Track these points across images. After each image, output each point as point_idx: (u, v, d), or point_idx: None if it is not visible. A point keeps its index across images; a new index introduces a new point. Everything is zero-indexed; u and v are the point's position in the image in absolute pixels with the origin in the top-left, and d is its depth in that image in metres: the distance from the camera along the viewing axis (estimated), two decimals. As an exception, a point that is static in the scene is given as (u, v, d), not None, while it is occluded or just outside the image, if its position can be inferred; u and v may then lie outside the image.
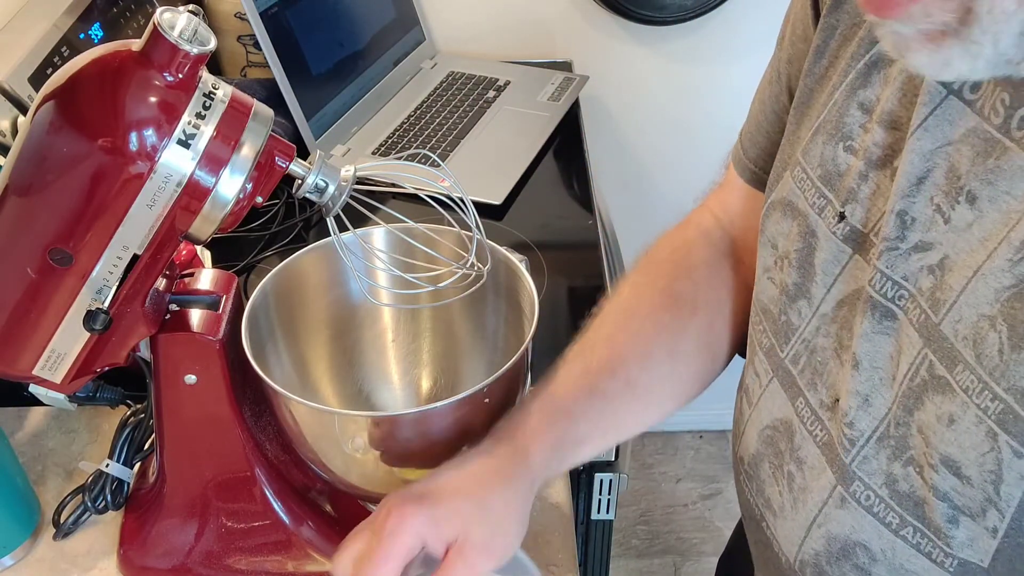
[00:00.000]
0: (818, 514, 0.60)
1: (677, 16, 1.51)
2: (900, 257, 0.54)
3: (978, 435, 0.48)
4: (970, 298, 0.49)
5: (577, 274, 1.09)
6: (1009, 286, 0.47)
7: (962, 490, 0.50)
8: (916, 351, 0.52)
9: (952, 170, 0.51)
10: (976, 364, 0.48)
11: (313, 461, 0.70)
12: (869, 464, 0.56)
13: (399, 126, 1.32)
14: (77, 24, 1.13)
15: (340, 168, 0.62)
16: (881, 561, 0.56)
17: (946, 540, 0.52)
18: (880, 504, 0.55)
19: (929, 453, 0.51)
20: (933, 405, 0.51)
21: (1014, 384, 0.46)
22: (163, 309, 0.68)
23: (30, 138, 0.56)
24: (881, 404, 0.55)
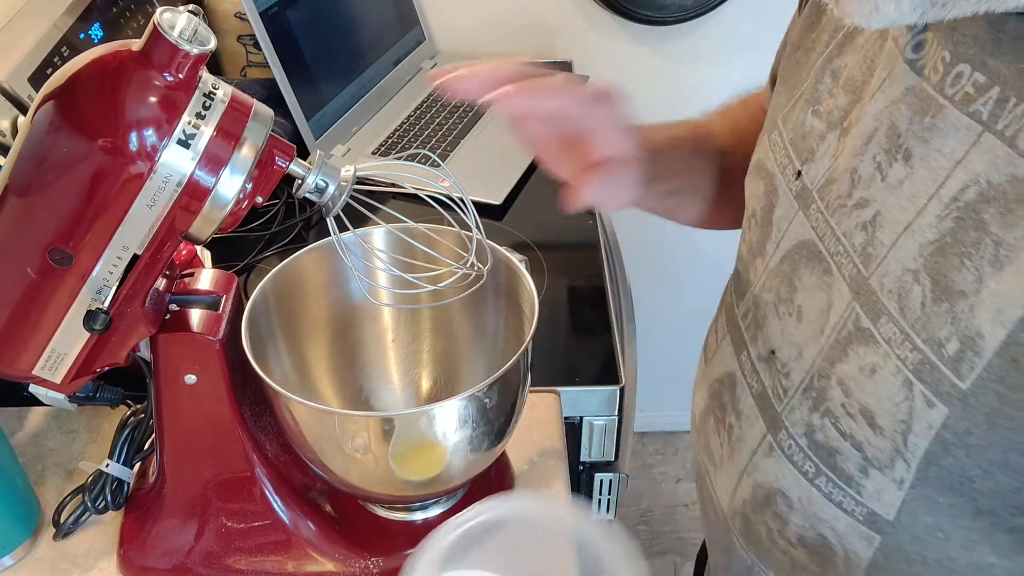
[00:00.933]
0: (748, 463, 0.63)
1: (677, 16, 1.51)
2: (845, 214, 0.55)
3: (895, 385, 0.50)
4: (898, 253, 0.50)
5: (577, 274, 1.09)
6: (933, 240, 0.48)
7: (874, 440, 0.52)
8: (845, 304, 0.54)
9: (893, 128, 0.52)
10: (899, 316, 0.50)
11: (313, 461, 0.70)
12: (794, 414, 0.58)
13: (399, 126, 1.32)
14: (77, 24, 1.13)
15: (340, 168, 0.62)
16: (797, 509, 0.59)
17: (856, 489, 0.54)
18: (799, 453, 0.58)
19: (849, 403, 0.53)
20: (856, 356, 0.53)
21: (932, 335, 0.48)
22: (163, 309, 0.68)
23: (30, 138, 0.56)
24: (809, 356, 0.57)
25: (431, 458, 0.68)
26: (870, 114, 0.54)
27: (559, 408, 0.89)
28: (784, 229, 0.61)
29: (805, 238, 0.59)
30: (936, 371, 0.48)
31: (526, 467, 0.83)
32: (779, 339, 0.60)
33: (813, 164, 0.59)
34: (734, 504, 0.65)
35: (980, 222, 0.46)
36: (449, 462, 0.68)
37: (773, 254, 0.62)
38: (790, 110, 0.64)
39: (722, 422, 0.67)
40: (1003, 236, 0.45)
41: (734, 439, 0.65)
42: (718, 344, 0.70)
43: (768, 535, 0.62)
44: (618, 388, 0.92)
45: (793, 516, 0.59)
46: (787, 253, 0.61)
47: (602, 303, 1.03)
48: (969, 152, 0.47)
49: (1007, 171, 0.45)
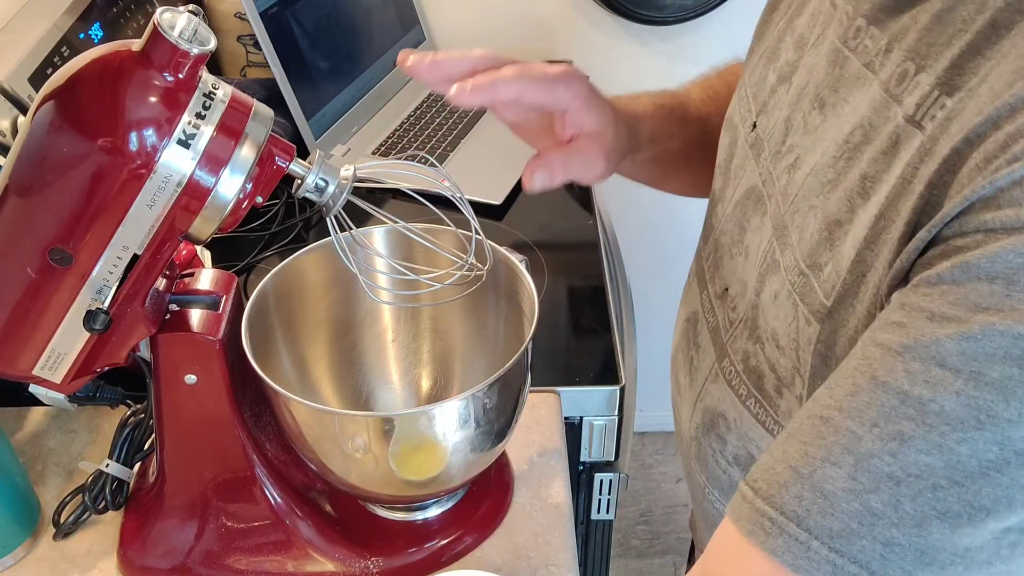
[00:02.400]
0: (701, 390, 0.68)
1: (677, 16, 1.51)
2: (779, 159, 0.60)
3: (788, 307, 0.55)
4: (805, 191, 0.56)
5: (577, 274, 1.09)
6: (829, 180, 0.53)
7: (781, 360, 0.57)
8: (767, 240, 0.60)
9: (817, 80, 0.58)
10: (796, 246, 0.55)
11: (313, 461, 0.70)
12: (736, 343, 0.63)
13: (399, 126, 1.32)
14: (77, 24, 1.13)
15: (340, 168, 0.62)
16: (734, 430, 0.64)
17: (775, 409, 0.59)
18: (737, 378, 0.63)
19: (764, 328, 0.59)
20: (770, 285, 0.58)
21: (816, 261, 0.53)
22: (163, 309, 0.68)
23: (30, 138, 0.56)
24: (750, 290, 0.62)
25: (431, 458, 0.68)
26: (805, 67, 0.60)
27: (559, 408, 0.89)
28: (740, 177, 0.66)
29: (753, 184, 0.64)
30: (812, 292, 0.53)
31: (526, 467, 0.83)
32: (731, 277, 0.65)
33: (765, 115, 0.64)
34: (690, 430, 0.70)
35: (860, 160, 0.51)
36: (449, 462, 0.68)
37: (730, 199, 0.67)
38: (755, 66, 0.69)
39: (686, 355, 0.72)
40: (869, 171, 0.50)
41: (693, 370, 0.71)
42: (688, 285, 0.76)
43: (712, 456, 0.67)
44: (618, 388, 0.92)
45: (730, 436, 0.65)
46: (740, 199, 0.66)
47: (602, 303, 1.03)
48: (861, 100, 0.52)
49: (883, 114, 0.50)
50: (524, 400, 0.73)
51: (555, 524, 0.78)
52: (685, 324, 0.75)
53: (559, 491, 0.81)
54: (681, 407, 0.74)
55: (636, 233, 1.53)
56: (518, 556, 0.76)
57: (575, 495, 0.96)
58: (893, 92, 0.50)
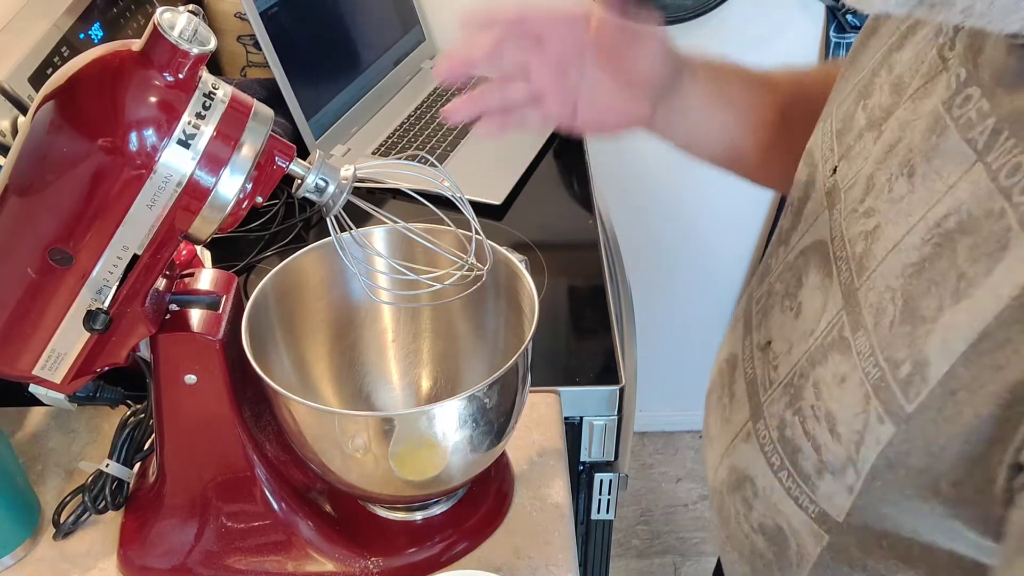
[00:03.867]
0: (730, 444, 0.65)
1: (677, 16, 1.50)
2: (855, 220, 0.56)
3: (857, 396, 0.51)
4: (885, 269, 0.51)
5: (577, 274, 1.09)
6: (914, 263, 0.49)
7: (831, 446, 0.53)
8: (836, 311, 0.55)
9: (911, 142, 0.52)
10: (872, 331, 0.51)
11: (313, 461, 0.70)
12: (773, 406, 0.59)
13: (399, 126, 1.32)
14: (77, 24, 1.13)
15: (340, 168, 0.62)
16: (761, 497, 0.60)
17: (812, 488, 0.56)
18: (770, 444, 0.59)
19: (818, 406, 0.55)
20: (833, 363, 0.54)
21: (893, 355, 0.49)
22: (163, 309, 0.68)
23: (30, 138, 0.56)
24: (796, 354, 0.58)
25: (431, 458, 0.68)
26: (898, 122, 0.54)
27: (559, 408, 0.89)
28: (810, 223, 0.62)
29: (822, 237, 0.59)
30: (889, 390, 0.49)
31: (526, 467, 0.83)
32: (777, 332, 0.61)
33: (848, 162, 0.59)
34: (715, 482, 0.67)
35: (953, 252, 0.46)
36: (449, 462, 0.68)
37: (795, 246, 0.63)
38: (845, 97, 0.63)
39: (720, 400, 0.69)
40: (966, 270, 0.45)
41: (724, 419, 0.67)
42: (734, 324, 0.71)
43: (735, 517, 0.64)
44: (618, 388, 0.92)
45: (757, 503, 0.61)
46: (805, 248, 0.61)
47: (602, 303, 1.03)
48: (961, 179, 0.47)
49: (986, 206, 0.45)
50: (524, 400, 0.73)
51: (555, 524, 0.78)
52: (724, 365, 0.70)
53: (559, 491, 0.81)
54: (709, 453, 0.69)
55: (636, 233, 1.53)
56: (518, 556, 0.76)
57: (575, 495, 0.96)
58: (1002, 184, 0.44)
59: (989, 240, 0.44)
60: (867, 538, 0.54)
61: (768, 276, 0.66)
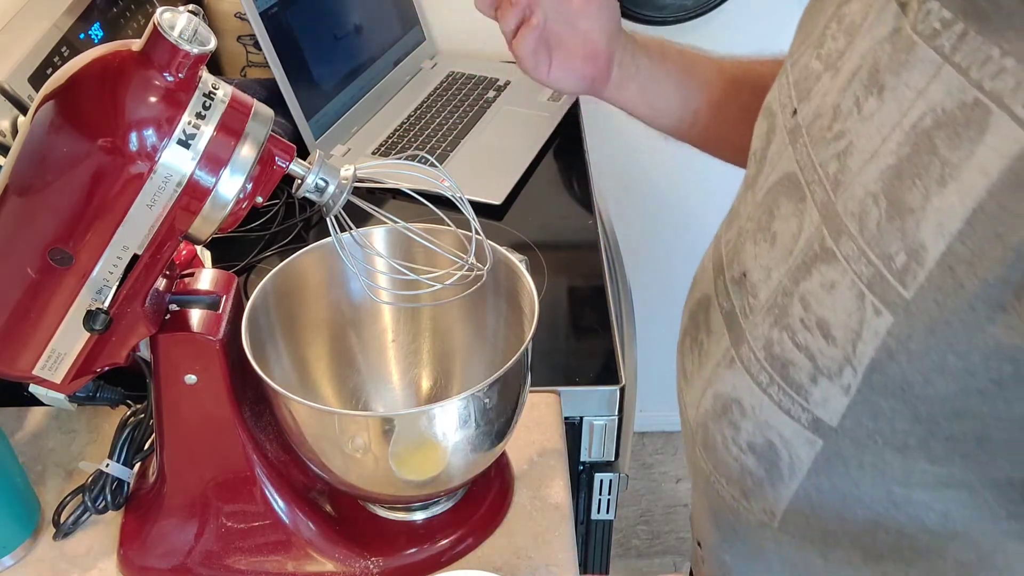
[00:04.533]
0: (712, 374, 0.67)
1: (677, 16, 1.51)
2: (824, 145, 0.59)
3: (850, 297, 0.54)
4: (862, 178, 0.54)
5: (577, 274, 1.09)
6: (892, 165, 0.52)
7: (826, 350, 0.56)
8: (814, 228, 0.58)
9: (874, 66, 0.56)
10: (858, 235, 0.54)
11: (313, 461, 0.70)
12: (756, 329, 0.62)
13: (399, 126, 1.32)
14: (77, 24, 1.13)
15: (340, 168, 0.62)
16: (750, 416, 0.63)
17: (805, 397, 0.58)
18: (756, 364, 0.62)
19: (807, 317, 0.58)
20: (819, 274, 0.57)
21: (884, 250, 0.52)
22: (163, 309, 0.68)
23: (30, 138, 0.56)
24: (776, 277, 0.61)
25: (431, 458, 0.68)
26: (858, 52, 0.58)
27: (559, 408, 0.89)
28: (775, 164, 0.65)
29: (789, 171, 0.63)
30: (885, 282, 0.52)
31: (526, 467, 0.83)
32: (752, 263, 0.65)
33: (807, 103, 0.63)
34: (698, 415, 0.69)
35: (932, 146, 0.50)
36: (449, 462, 0.68)
37: (761, 186, 0.67)
38: (799, 55, 0.68)
39: (695, 340, 0.72)
40: (949, 156, 0.49)
41: (703, 354, 0.70)
42: (703, 272, 0.75)
43: (723, 442, 0.66)
44: (618, 388, 0.92)
45: (745, 423, 0.64)
46: (772, 186, 0.65)
47: (602, 303, 1.03)
48: (930, 84, 0.51)
49: (959, 98, 0.49)
50: (524, 400, 0.73)
51: (555, 524, 0.78)
52: (695, 307, 0.74)
53: (559, 491, 0.81)
54: (687, 393, 0.73)
55: (636, 233, 1.53)
56: (518, 556, 0.76)
57: (575, 495, 0.96)
58: (973, 78, 0.48)
59: (968, 126, 0.48)
60: (861, 436, 0.57)
61: (737, 220, 0.69)
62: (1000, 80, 0.47)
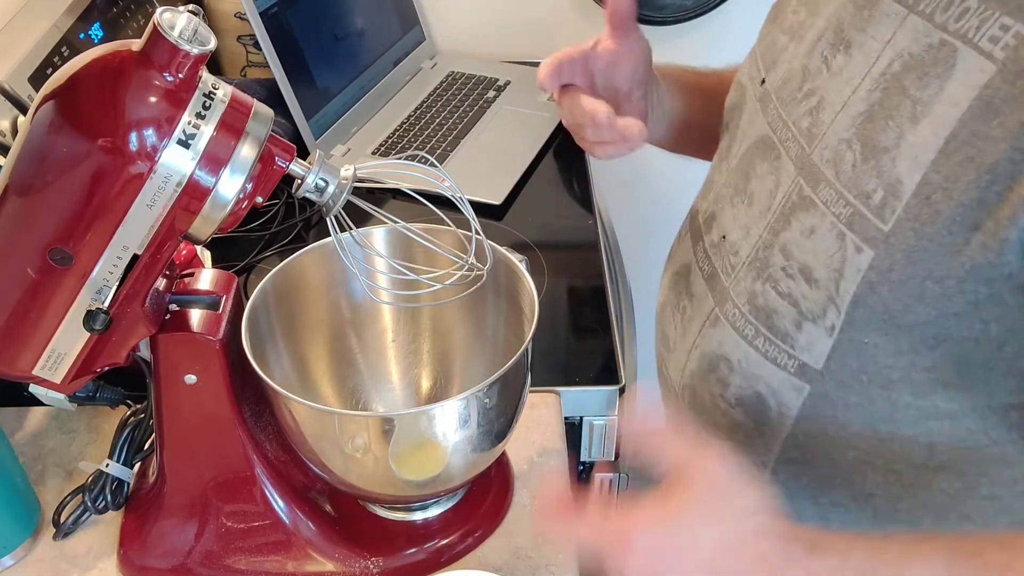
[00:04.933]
0: (697, 337, 0.69)
1: (677, 16, 1.50)
2: (795, 104, 0.61)
3: (830, 239, 0.56)
4: (835, 128, 0.57)
5: (577, 274, 1.09)
6: (864, 111, 0.55)
7: (810, 294, 0.58)
8: (791, 181, 0.60)
9: (839, 25, 0.59)
10: (835, 180, 0.56)
11: (313, 461, 0.70)
12: (739, 285, 0.64)
13: (399, 126, 1.32)
14: (77, 24, 1.13)
15: (340, 168, 0.62)
16: (737, 370, 0.65)
17: (790, 344, 0.61)
18: (741, 319, 0.64)
19: (789, 265, 0.60)
20: (798, 222, 0.59)
21: (862, 190, 0.54)
22: (163, 309, 0.68)
23: (30, 138, 0.56)
24: (756, 233, 0.63)
25: (431, 458, 0.68)
26: (822, 16, 0.61)
27: (559, 408, 0.89)
28: (747, 131, 0.68)
29: (762, 134, 0.65)
30: (864, 220, 0.54)
31: (526, 467, 0.83)
32: (730, 224, 0.66)
33: (774, 70, 0.66)
34: (684, 378, 0.71)
35: (902, 87, 0.52)
36: (449, 462, 0.68)
37: (735, 154, 0.69)
38: (766, 33, 0.71)
39: (677, 307, 0.73)
40: (919, 95, 0.51)
41: (686, 320, 0.71)
42: (679, 242, 0.77)
43: (712, 400, 0.68)
44: (618, 388, 0.92)
45: (733, 377, 0.66)
46: (746, 151, 0.67)
47: (602, 303, 1.03)
48: (896, 33, 0.54)
49: (925, 42, 0.52)
50: (524, 400, 0.73)
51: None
52: (674, 277, 0.76)
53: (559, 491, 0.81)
54: (670, 360, 0.74)
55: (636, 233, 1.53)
56: (518, 556, 0.76)
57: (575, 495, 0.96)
58: (938, 21, 0.51)
59: (937, 65, 0.51)
60: (847, 376, 0.59)
61: (712, 189, 0.71)
62: (964, 20, 0.49)
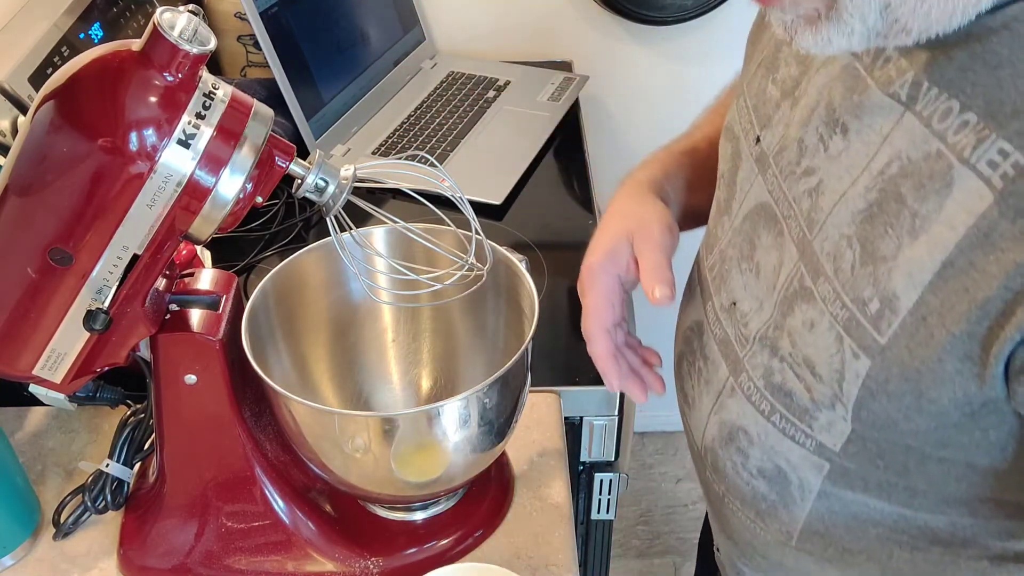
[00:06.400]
0: (715, 403, 0.68)
1: (677, 16, 1.50)
2: (795, 180, 0.60)
3: (829, 338, 0.55)
4: (835, 219, 0.56)
5: (577, 274, 1.09)
6: (863, 209, 0.53)
7: (816, 386, 0.57)
8: (793, 264, 0.59)
9: (830, 103, 0.57)
10: (833, 277, 0.55)
11: (313, 461, 0.70)
12: (754, 359, 0.63)
13: (399, 126, 1.32)
14: (77, 24, 1.13)
15: (340, 168, 0.62)
16: (756, 444, 0.64)
17: (808, 423, 0.59)
18: (757, 394, 0.63)
19: (794, 353, 0.59)
20: (800, 312, 0.58)
21: (858, 295, 0.53)
22: (163, 309, 0.68)
23: (30, 138, 0.56)
24: (767, 309, 0.62)
25: (432, 458, 0.68)
26: (815, 87, 0.59)
27: (559, 408, 0.89)
28: (746, 191, 0.66)
29: (763, 200, 0.64)
30: (861, 327, 0.53)
31: (526, 467, 0.83)
32: (740, 292, 0.65)
33: (770, 130, 0.64)
34: (705, 441, 0.70)
35: (899, 195, 0.51)
36: (449, 462, 0.68)
37: (737, 213, 0.67)
38: (752, 76, 0.69)
39: (693, 366, 0.72)
40: (918, 208, 0.50)
41: (703, 382, 0.70)
42: (691, 293, 0.75)
43: (733, 468, 0.67)
44: (618, 388, 0.92)
45: (753, 450, 0.65)
46: (748, 213, 0.65)
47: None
48: (894, 129, 0.52)
49: (923, 149, 0.50)
50: (524, 400, 0.73)
51: (555, 524, 0.78)
52: (688, 333, 0.74)
53: (559, 491, 0.81)
54: (691, 417, 0.73)
55: (636, 233, 1.53)
56: (518, 556, 0.76)
57: (575, 495, 0.96)
58: (935, 128, 0.49)
59: (933, 179, 0.49)
60: (864, 460, 0.58)
61: (717, 244, 0.70)
62: (962, 135, 0.48)
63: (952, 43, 0.48)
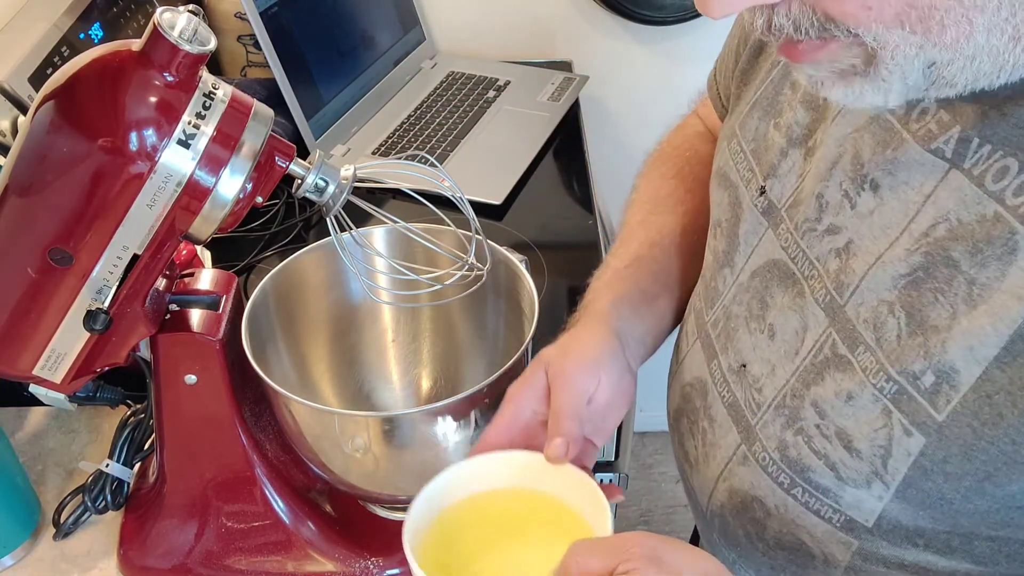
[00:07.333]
0: (724, 469, 0.63)
1: (677, 16, 1.50)
2: (816, 238, 0.56)
3: (874, 412, 0.51)
4: (871, 283, 0.51)
5: (577, 274, 1.08)
6: (905, 274, 0.49)
7: (849, 462, 0.53)
8: (821, 329, 0.55)
9: (856, 157, 0.53)
10: (876, 347, 0.51)
11: (313, 461, 0.70)
12: (767, 428, 0.58)
13: (399, 126, 1.32)
14: (77, 24, 1.13)
15: (340, 168, 0.62)
16: (774, 516, 0.59)
17: (835, 499, 0.55)
18: (773, 465, 0.58)
19: (824, 425, 0.54)
20: (833, 381, 0.53)
21: (907, 367, 0.49)
22: (163, 309, 0.68)
23: (30, 138, 0.56)
24: (782, 375, 0.57)
25: (431, 458, 0.68)
26: (833, 138, 0.55)
27: (559, 408, 0.88)
28: (753, 244, 0.62)
29: (775, 257, 0.59)
30: (913, 402, 0.49)
31: (526, 467, 0.82)
32: (751, 354, 0.61)
33: (777, 181, 0.60)
34: (712, 506, 0.66)
35: (950, 259, 0.47)
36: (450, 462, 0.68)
37: (743, 268, 0.63)
38: (747, 116, 0.64)
39: (695, 425, 0.67)
40: (976, 275, 0.46)
41: (708, 444, 0.65)
42: (689, 347, 0.70)
43: (747, 537, 0.63)
44: (618, 388, 0.91)
45: (771, 522, 0.60)
46: (757, 269, 0.61)
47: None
48: (937, 188, 0.48)
49: (976, 211, 0.46)
50: (524, 400, 0.72)
51: (555, 524, 0.78)
52: (688, 389, 0.69)
53: (559, 491, 0.81)
54: (695, 478, 0.68)
55: (636, 233, 1.53)
56: (518, 556, 0.75)
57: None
58: (990, 189, 0.46)
59: (992, 244, 0.45)
60: (900, 538, 0.53)
61: (719, 299, 0.65)
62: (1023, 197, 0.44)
63: (1004, 97, 0.45)
